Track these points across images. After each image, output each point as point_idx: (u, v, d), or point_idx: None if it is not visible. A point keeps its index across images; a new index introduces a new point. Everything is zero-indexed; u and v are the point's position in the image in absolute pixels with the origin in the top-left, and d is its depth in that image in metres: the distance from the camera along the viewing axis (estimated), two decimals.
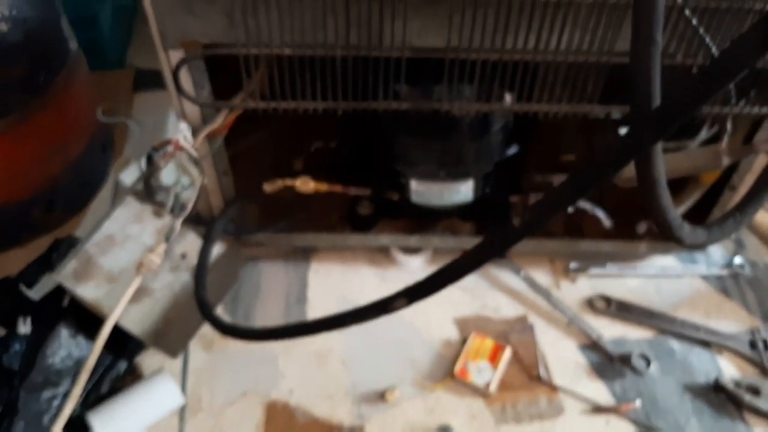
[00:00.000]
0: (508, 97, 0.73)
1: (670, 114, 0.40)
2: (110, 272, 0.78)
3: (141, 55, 1.36)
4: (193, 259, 0.83)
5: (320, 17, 0.62)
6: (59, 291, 0.81)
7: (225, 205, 0.87)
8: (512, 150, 0.85)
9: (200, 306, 0.79)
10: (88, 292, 0.77)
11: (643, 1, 0.39)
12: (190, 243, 0.84)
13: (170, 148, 0.74)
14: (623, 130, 0.88)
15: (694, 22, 0.59)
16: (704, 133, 0.79)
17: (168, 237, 0.77)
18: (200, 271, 0.81)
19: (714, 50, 0.60)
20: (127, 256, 0.78)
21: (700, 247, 0.58)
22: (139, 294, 0.78)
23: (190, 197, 0.78)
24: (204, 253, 0.83)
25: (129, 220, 0.80)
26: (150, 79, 1.28)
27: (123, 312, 0.75)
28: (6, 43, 0.83)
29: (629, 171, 0.52)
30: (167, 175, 0.79)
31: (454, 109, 0.71)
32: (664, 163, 0.52)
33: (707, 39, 0.60)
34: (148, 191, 0.80)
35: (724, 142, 0.75)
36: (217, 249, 0.85)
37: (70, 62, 0.96)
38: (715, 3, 0.59)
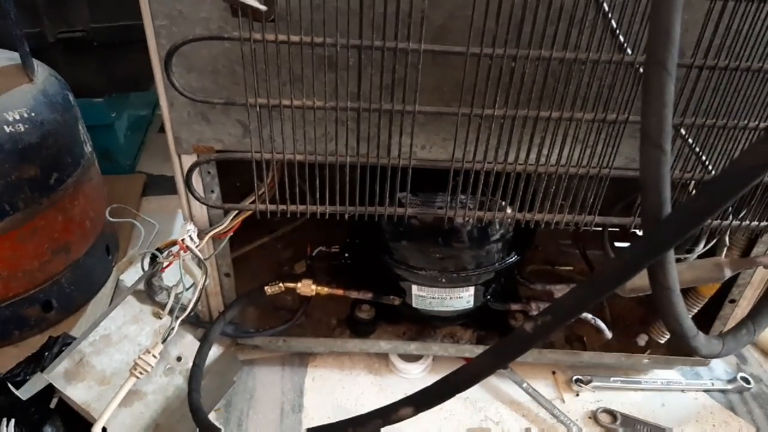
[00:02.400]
0: (508, 207, 0.74)
1: (687, 220, 0.40)
2: (103, 373, 0.76)
3: (152, 161, 1.42)
4: (188, 361, 0.81)
5: (332, 130, 0.65)
6: (48, 391, 0.78)
7: (225, 306, 0.87)
8: (512, 258, 0.86)
9: (193, 412, 0.76)
10: (77, 393, 0.74)
11: (653, 113, 0.41)
12: (187, 345, 0.82)
13: (175, 249, 0.74)
14: (620, 244, 0.90)
15: (690, 140, 0.62)
16: (701, 247, 0.81)
17: (165, 338, 0.76)
18: (195, 374, 0.79)
19: (710, 167, 0.63)
20: (122, 357, 0.77)
21: (715, 357, 0.57)
22: (131, 397, 0.76)
23: (190, 298, 0.78)
24: (200, 355, 0.81)
25: (127, 319, 0.79)
26: (159, 184, 1.32)
27: (112, 416, 0.72)
28: (22, 143, 0.85)
29: (633, 281, 0.53)
30: (169, 275, 0.79)
31: (456, 217, 0.73)
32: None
33: (702, 156, 0.63)
34: (150, 291, 0.80)
35: (724, 254, 0.77)
36: (214, 352, 0.84)
37: (83, 165, 0.98)
38: (711, 121, 0.62)
